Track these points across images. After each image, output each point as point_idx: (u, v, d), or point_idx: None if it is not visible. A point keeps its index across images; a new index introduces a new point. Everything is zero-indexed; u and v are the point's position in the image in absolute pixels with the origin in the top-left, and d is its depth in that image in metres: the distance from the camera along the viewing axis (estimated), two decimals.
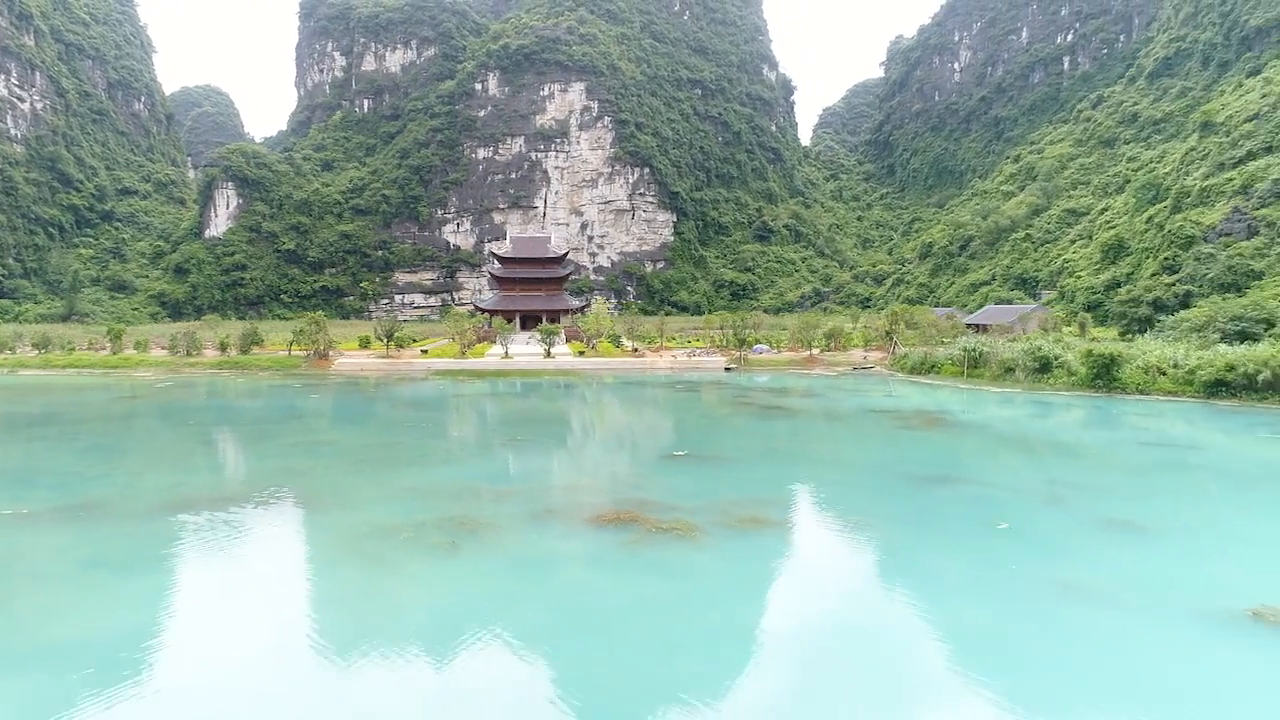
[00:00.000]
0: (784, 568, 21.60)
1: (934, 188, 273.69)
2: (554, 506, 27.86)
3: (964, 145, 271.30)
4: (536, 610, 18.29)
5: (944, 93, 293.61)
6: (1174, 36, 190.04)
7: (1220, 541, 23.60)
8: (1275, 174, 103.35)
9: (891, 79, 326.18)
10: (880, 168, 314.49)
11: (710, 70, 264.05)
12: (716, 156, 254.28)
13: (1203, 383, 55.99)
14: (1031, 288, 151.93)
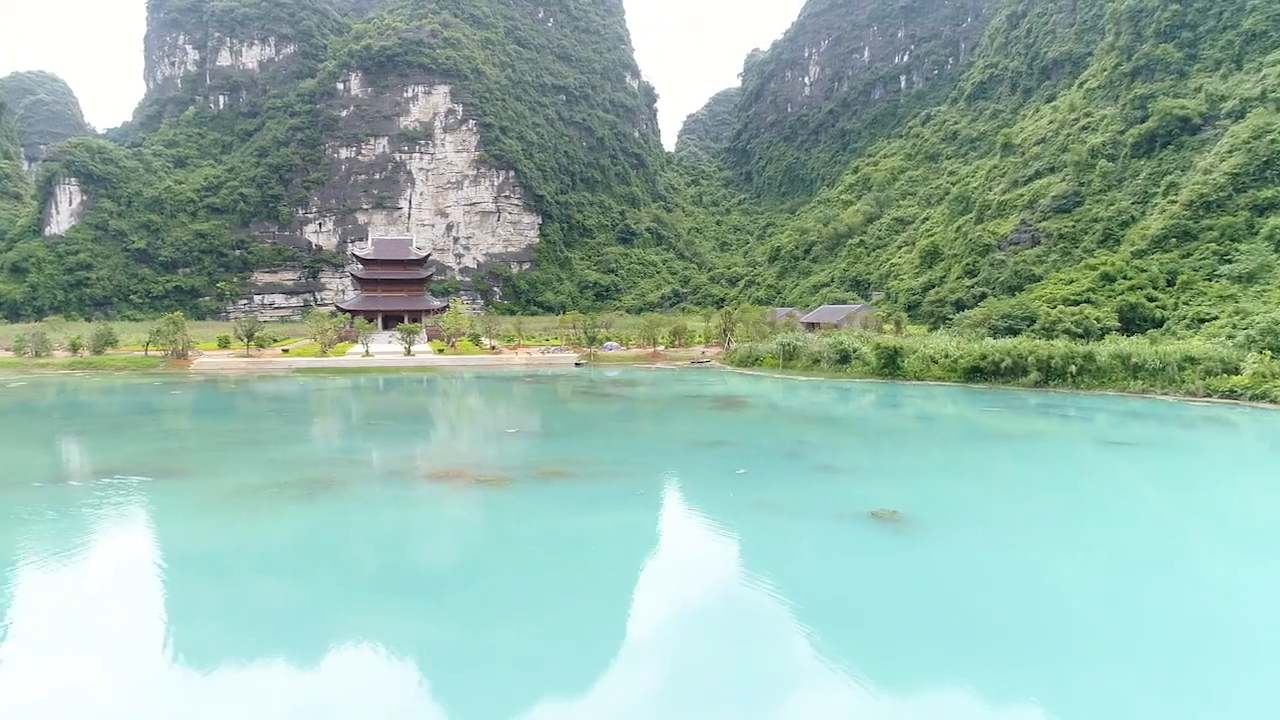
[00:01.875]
0: (568, 499, 28.84)
1: (787, 194, 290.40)
2: (398, 470, 34.22)
3: (813, 155, 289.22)
4: (374, 531, 24.85)
5: (795, 105, 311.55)
6: (989, 63, 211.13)
7: (885, 477, 32.59)
8: (1055, 191, 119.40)
9: (748, 90, 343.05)
10: (738, 174, 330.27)
11: (574, 77, 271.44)
12: (581, 161, 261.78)
13: (963, 369, 67.36)
14: (864, 289, 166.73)
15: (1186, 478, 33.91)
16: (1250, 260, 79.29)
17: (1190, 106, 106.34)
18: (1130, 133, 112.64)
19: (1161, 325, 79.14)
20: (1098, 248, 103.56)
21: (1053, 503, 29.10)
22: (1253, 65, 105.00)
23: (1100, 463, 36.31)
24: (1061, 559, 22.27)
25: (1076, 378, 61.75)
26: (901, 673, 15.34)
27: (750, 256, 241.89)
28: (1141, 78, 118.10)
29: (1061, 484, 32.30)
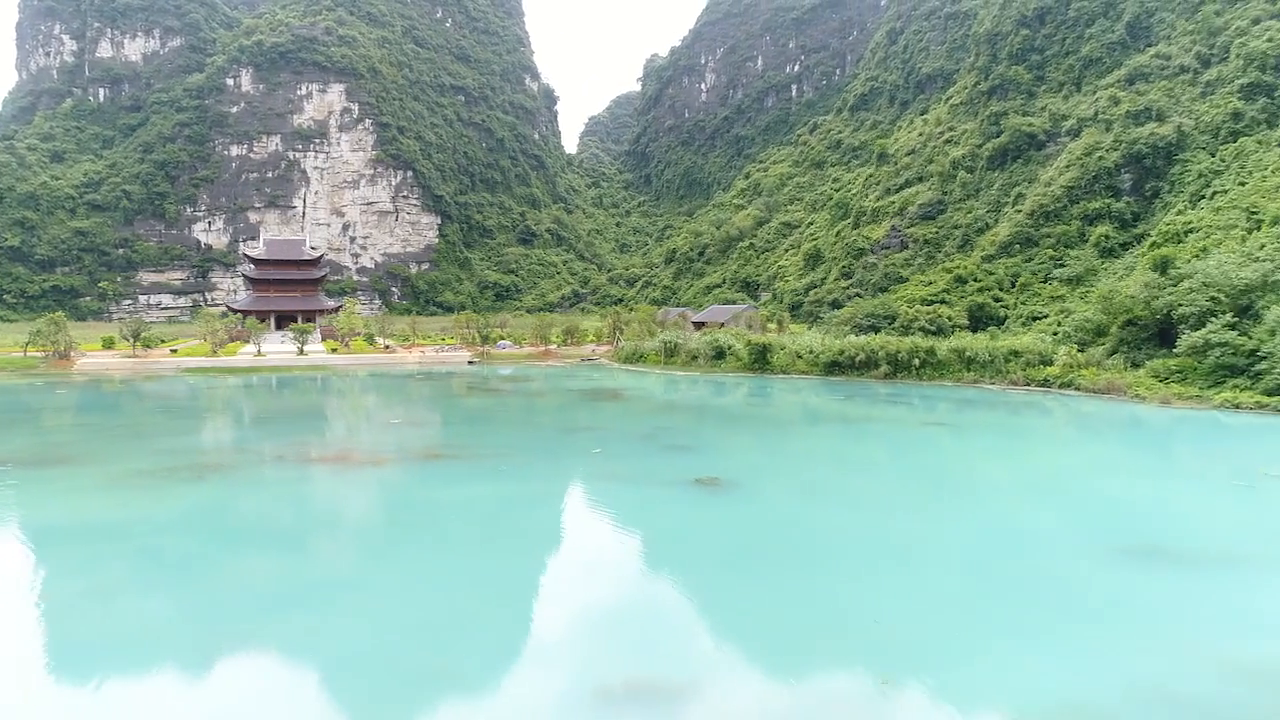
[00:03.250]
0: (439, 475, 32.61)
1: (685, 198, 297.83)
2: (285, 454, 37.23)
3: (710, 159, 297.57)
4: (257, 503, 28.14)
5: (693, 110, 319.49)
6: (870, 76, 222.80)
7: (721, 453, 37.55)
8: (921, 199, 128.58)
9: (647, 94, 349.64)
10: (638, 177, 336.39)
11: (473, 78, 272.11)
12: (481, 162, 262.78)
13: (823, 364, 73.65)
14: (754, 290, 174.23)
15: (971, 448, 40.08)
16: (1079, 265, 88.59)
17: (1036, 124, 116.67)
18: (986, 147, 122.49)
19: (1003, 323, 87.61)
20: (956, 252, 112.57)
21: (856, 470, 34.55)
22: (1089, 88, 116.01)
23: (911, 439, 42.24)
24: (844, 509, 27.43)
25: (920, 370, 68.72)
26: (707, 584, 19.93)
27: (648, 258, 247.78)
28: (997, 96, 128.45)
29: (871, 456, 37.91)
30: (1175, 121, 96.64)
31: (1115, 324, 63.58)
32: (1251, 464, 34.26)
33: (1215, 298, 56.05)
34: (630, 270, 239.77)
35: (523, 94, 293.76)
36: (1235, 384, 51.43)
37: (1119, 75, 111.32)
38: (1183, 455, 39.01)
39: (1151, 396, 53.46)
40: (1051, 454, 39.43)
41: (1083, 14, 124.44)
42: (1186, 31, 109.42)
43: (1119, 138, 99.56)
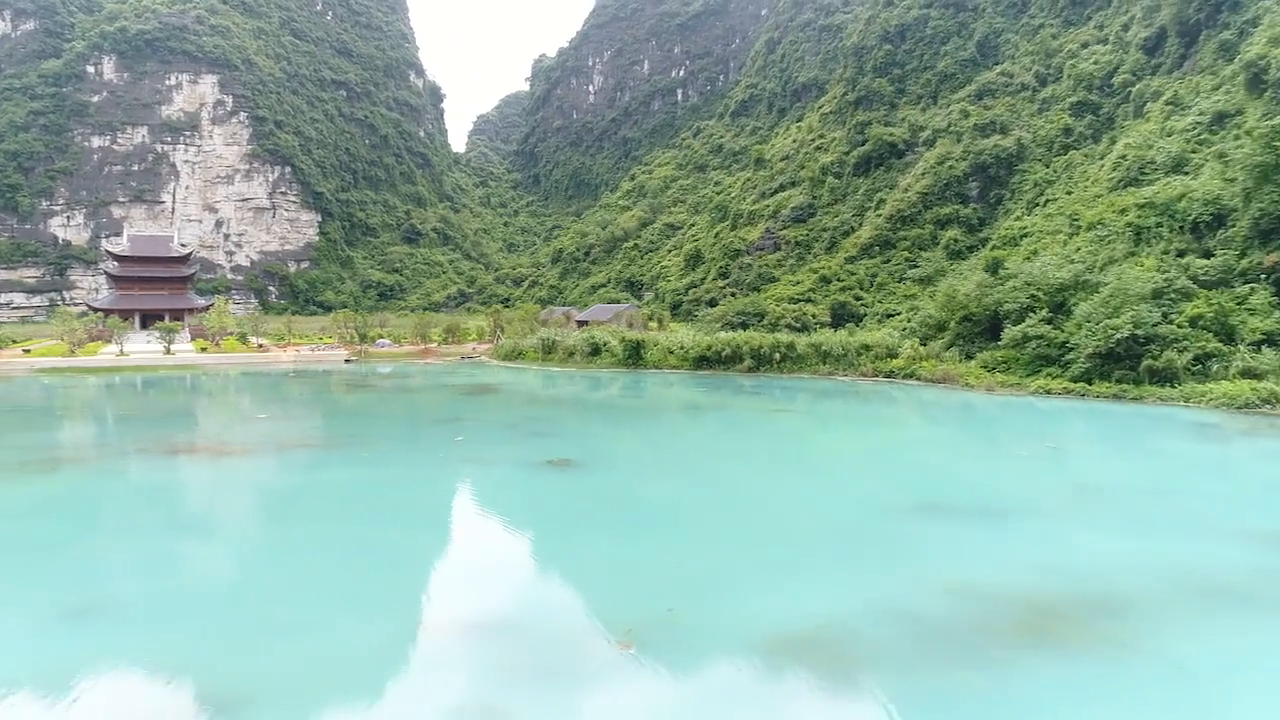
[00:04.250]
0: (301, 463, 33.71)
1: (573, 198, 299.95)
2: (144, 446, 37.41)
3: (598, 161, 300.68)
4: (113, 490, 28.72)
5: (581, 112, 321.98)
6: (750, 83, 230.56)
7: (577, 438, 39.94)
8: (794, 203, 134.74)
9: (536, 94, 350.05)
10: (527, 177, 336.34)
11: (355, 73, 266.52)
12: (363, 159, 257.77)
13: (693, 358, 77.06)
14: (638, 290, 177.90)
15: (809, 430, 43.79)
16: (930, 266, 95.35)
17: (897, 134, 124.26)
18: (853, 154, 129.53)
19: (861, 320, 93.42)
20: (824, 254, 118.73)
21: (702, 450, 37.50)
22: (944, 101, 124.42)
23: (759, 424, 45.68)
24: (682, 483, 30.16)
25: (781, 364, 72.96)
26: (555, 545, 22.13)
27: (535, 258, 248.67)
28: (862, 107, 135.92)
29: (718, 438, 40.99)
30: (1016, 135, 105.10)
31: (953, 320, 69.22)
32: (1040, 439, 39.03)
33: (1035, 295, 62.09)
34: (517, 270, 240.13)
35: (407, 90, 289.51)
36: (1049, 372, 57.25)
37: (969, 90, 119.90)
38: (988, 433, 43.71)
39: (979, 384, 58.91)
40: (878, 434, 43.50)
41: (939, 32, 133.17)
42: (1028, 52, 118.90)
43: (968, 148, 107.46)
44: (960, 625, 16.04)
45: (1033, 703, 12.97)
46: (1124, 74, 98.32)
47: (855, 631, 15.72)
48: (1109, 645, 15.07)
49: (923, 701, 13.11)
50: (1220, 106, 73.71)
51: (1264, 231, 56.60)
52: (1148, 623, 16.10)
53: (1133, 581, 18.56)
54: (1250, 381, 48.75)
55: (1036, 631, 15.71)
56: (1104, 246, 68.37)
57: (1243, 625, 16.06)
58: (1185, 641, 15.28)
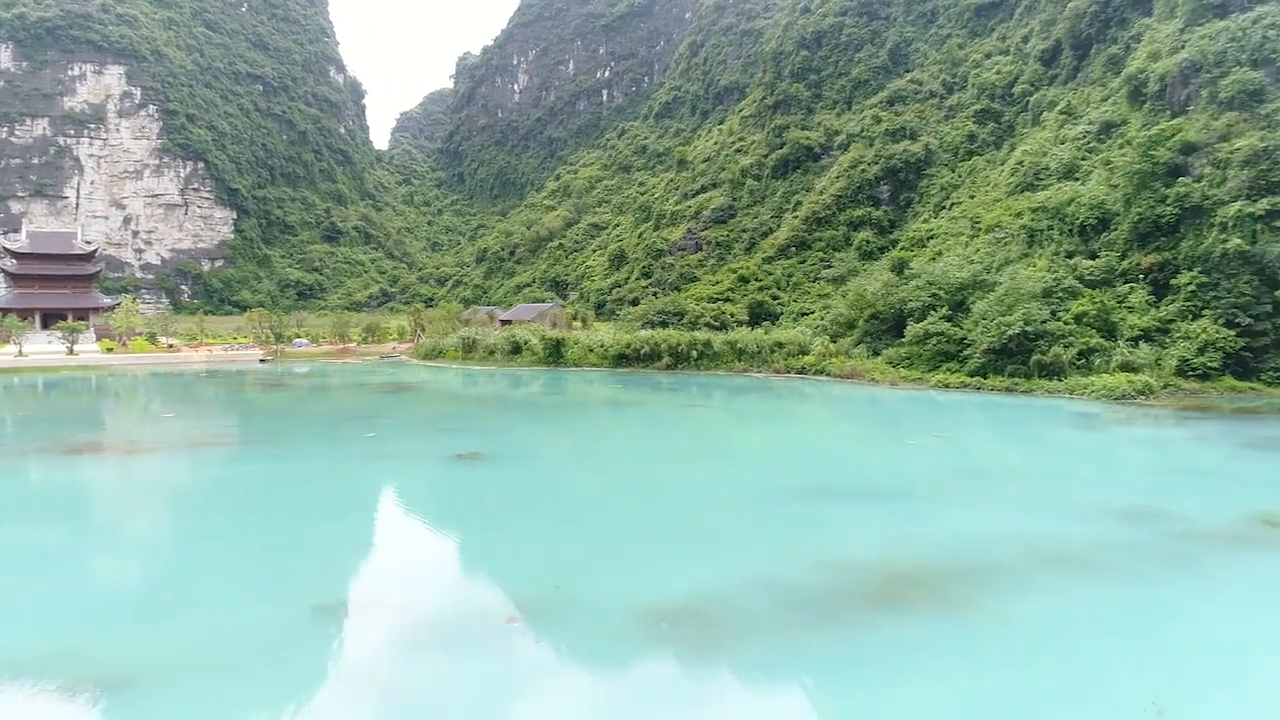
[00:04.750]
0: (207, 459, 33.54)
1: (499, 197, 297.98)
2: (44, 446, 36.61)
3: (523, 160, 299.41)
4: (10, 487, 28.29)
5: (506, 110, 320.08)
6: (674, 86, 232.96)
7: (487, 433, 40.57)
8: (715, 204, 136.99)
9: (460, 92, 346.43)
10: (451, 175, 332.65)
11: (273, 67, 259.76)
12: (281, 155, 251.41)
13: (612, 356, 78.17)
14: (563, 289, 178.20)
15: (717, 423, 45.28)
16: (843, 266, 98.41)
17: (813, 138, 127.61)
18: (771, 157, 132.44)
19: (778, 319, 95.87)
20: (744, 254, 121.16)
21: (608, 444, 38.54)
22: (858, 107, 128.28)
23: (665, 418, 46.98)
24: (587, 473, 31.14)
25: (698, 361, 74.61)
26: (456, 533, 22.78)
27: (460, 257, 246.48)
28: (780, 111, 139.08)
29: (628, 432, 42.12)
30: (925, 140, 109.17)
31: (862, 318, 71.89)
32: (930, 429, 41.27)
33: (936, 294, 65.01)
34: (441, 269, 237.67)
35: (327, 86, 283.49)
36: (948, 367, 60.12)
37: (882, 97, 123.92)
38: (885, 425, 45.85)
39: (883, 379, 61.48)
40: (783, 426, 45.23)
41: (853, 40, 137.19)
42: (936, 61, 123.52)
43: (879, 153, 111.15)
44: (825, 593, 17.41)
45: (877, 655, 14.35)
46: (1023, 84, 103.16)
47: (727, 600, 16.92)
48: (954, 605, 16.62)
49: (777, 658, 14.35)
50: (1108, 116, 78.17)
51: (1142, 235, 60.48)
52: (991, 587, 17.74)
53: (988, 553, 20.28)
54: (1127, 375, 52.22)
55: (893, 596, 17.17)
56: (1001, 248, 71.85)
57: (1073, 587, 17.82)
58: (1020, 602, 16.93)
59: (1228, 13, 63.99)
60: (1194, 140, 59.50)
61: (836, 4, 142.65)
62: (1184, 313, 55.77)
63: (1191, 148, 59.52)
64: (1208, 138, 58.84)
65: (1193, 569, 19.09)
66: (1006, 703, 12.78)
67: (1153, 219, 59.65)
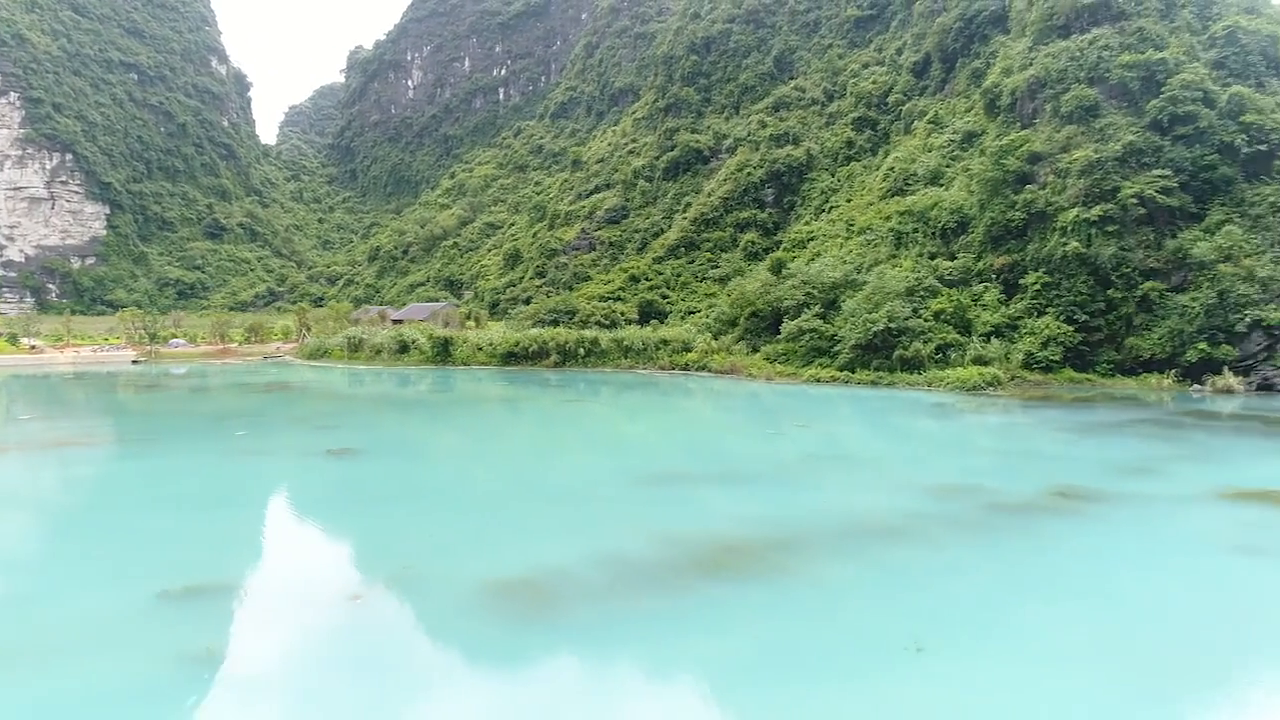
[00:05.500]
0: (67, 459, 32.80)
1: (393, 195, 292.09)
2: None
3: (418, 158, 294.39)
4: None
5: (400, 107, 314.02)
6: (570, 86, 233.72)
7: (361, 430, 40.90)
8: (608, 204, 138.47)
9: (352, 87, 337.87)
10: (343, 171, 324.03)
11: (148, 55, 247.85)
12: (159, 148, 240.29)
13: (501, 355, 78.68)
14: (457, 289, 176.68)
15: (591, 417, 46.70)
16: (729, 266, 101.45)
17: (703, 141, 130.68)
18: (663, 159, 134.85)
19: (666, 317, 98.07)
20: (636, 254, 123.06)
21: (482, 437, 39.38)
22: (746, 112, 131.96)
23: (544, 413, 48.11)
24: (455, 466, 31.95)
25: (585, 358, 75.95)
26: (315, 521, 23.23)
27: (352, 255, 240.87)
28: (671, 114, 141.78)
29: (501, 427, 43.04)
30: (806, 146, 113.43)
31: (742, 316, 74.60)
32: (794, 420, 43.72)
33: (810, 293, 68.17)
34: (332, 268, 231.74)
35: (208, 77, 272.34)
36: (820, 362, 63.18)
37: (767, 103, 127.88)
38: (754, 416, 48.15)
39: (760, 374, 64.13)
40: (656, 418, 46.97)
41: (740, 46, 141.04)
42: (818, 69, 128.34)
43: (764, 157, 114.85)
44: (656, 564, 18.90)
45: (691, 613, 15.86)
46: (897, 94, 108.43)
47: (565, 573, 18.21)
48: (772, 571, 18.36)
49: (599, 620, 15.71)
50: (970, 127, 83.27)
51: (995, 238, 64.99)
52: (809, 554, 19.59)
53: (813, 526, 22.22)
54: (979, 368, 56.17)
55: (719, 565, 18.79)
56: (871, 249, 75.76)
57: (880, 552, 19.86)
58: (830, 566, 18.82)
59: (1069, 34, 69.29)
60: (1039, 150, 64.35)
61: (725, 11, 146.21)
62: (1030, 310, 60.27)
63: (1037, 157, 64.35)
64: (1051, 149, 63.74)
65: (985, 534, 21.47)
66: (794, 647, 14.46)
67: (1004, 223, 64.18)
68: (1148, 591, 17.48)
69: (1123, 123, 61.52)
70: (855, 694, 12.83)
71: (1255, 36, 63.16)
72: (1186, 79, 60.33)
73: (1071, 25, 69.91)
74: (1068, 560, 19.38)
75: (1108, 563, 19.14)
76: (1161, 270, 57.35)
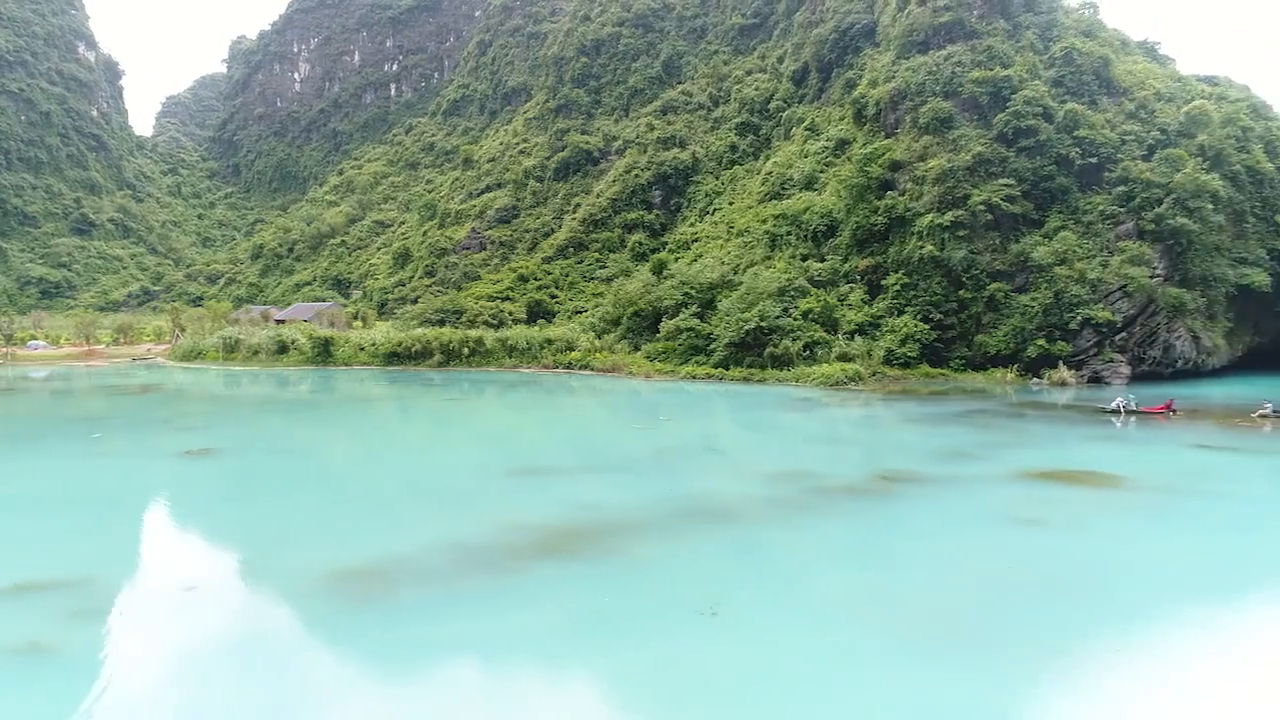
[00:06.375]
0: None
1: (279, 191, 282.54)
2: None
3: (306, 153, 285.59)
4: None
5: (286, 100, 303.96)
6: (463, 83, 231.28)
7: (222, 430, 40.51)
8: (499, 204, 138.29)
9: (234, 78, 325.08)
10: (226, 166, 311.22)
11: (7, 39, 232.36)
12: (19, 138, 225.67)
13: (383, 355, 78.03)
14: (345, 288, 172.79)
15: (464, 416, 47.39)
16: (616, 266, 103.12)
17: (593, 142, 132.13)
18: (553, 159, 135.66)
19: (554, 317, 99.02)
20: (527, 254, 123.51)
21: (349, 436, 39.62)
22: (634, 114, 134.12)
23: (419, 412, 48.52)
24: (314, 464, 32.22)
25: (470, 358, 76.17)
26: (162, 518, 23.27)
27: (234, 253, 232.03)
28: (562, 114, 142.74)
29: (370, 426, 43.27)
30: (692, 149, 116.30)
31: (625, 315, 76.30)
32: (662, 414, 45.52)
33: (689, 293, 70.42)
34: (213, 266, 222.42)
35: (75, 63, 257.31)
36: (697, 360, 65.39)
37: (655, 106, 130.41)
38: (625, 412, 49.67)
39: (639, 372, 65.89)
40: (529, 415, 48.02)
41: (630, 49, 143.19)
42: (704, 75, 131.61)
43: (652, 159, 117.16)
44: (496, 549, 20.05)
45: (520, 590, 17.07)
46: (778, 100, 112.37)
47: (406, 560, 19.16)
48: (601, 551, 19.78)
49: (432, 598, 16.77)
50: (842, 134, 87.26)
51: (860, 241, 68.65)
52: (638, 537, 21.10)
53: (652, 511, 23.75)
54: (842, 364, 59.35)
55: (555, 548, 20.07)
56: (748, 251, 78.70)
57: (704, 532, 21.55)
58: (656, 545, 20.37)
59: (928, 49, 73.69)
60: (900, 159, 68.36)
61: (615, 14, 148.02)
62: (891, 309, 64.01)
63: (898, 165, 68.33)
64: (910, 157, 67.79)
65: (804, 514, 23.47)
66: (600, 615, 15.87)
67: (868, 227, 67.87)
68: (928, 558, 19.67)
69: (973, 134, 65.98)
70: (647, 652, 14.31)
71: (1089, 58, 68.69)
72: (1029, 95, 65.23)
73: (930, 41, 74.34)
74: (868, 534, 21.53)
75: (902, 536, 21.36)
76: (1006, 272, 61.89)
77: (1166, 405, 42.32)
